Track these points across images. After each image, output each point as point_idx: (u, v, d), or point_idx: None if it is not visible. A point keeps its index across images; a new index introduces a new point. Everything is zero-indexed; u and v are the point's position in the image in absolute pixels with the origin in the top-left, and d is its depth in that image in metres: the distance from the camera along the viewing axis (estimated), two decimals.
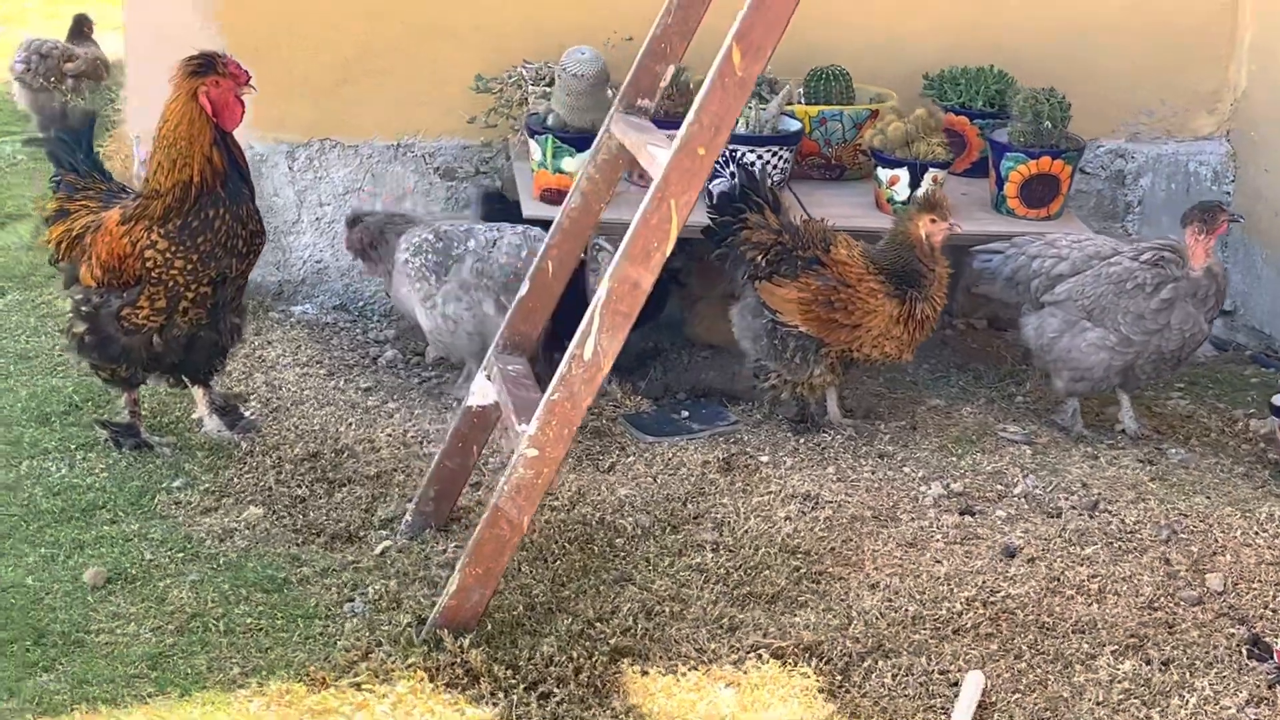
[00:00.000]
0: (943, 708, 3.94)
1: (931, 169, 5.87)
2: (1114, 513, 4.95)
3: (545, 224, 5.81)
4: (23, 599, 4.27)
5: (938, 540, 4.75)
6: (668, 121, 5.85)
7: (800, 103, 6.16)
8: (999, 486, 5.14)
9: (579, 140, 5.74)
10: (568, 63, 5.73)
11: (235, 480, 4.94)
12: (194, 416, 5.29)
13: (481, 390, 4.60)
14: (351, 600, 4.28)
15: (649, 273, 3.92)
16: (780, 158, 5.91)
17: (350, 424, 5.39)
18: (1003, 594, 4.43)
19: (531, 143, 5.83)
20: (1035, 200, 6.02)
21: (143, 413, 5.24)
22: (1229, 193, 6.84)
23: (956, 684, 4.01)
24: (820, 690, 3.96)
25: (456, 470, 4.67)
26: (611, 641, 4.09)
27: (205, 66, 4.87)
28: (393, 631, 4.09)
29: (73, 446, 5.14)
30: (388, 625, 4.12)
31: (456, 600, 4.05)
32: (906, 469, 5.23)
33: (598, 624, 4.17)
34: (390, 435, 5.30)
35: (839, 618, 4.28)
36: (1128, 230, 6.84)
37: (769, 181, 5.63)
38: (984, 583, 4.48)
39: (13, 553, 4.51)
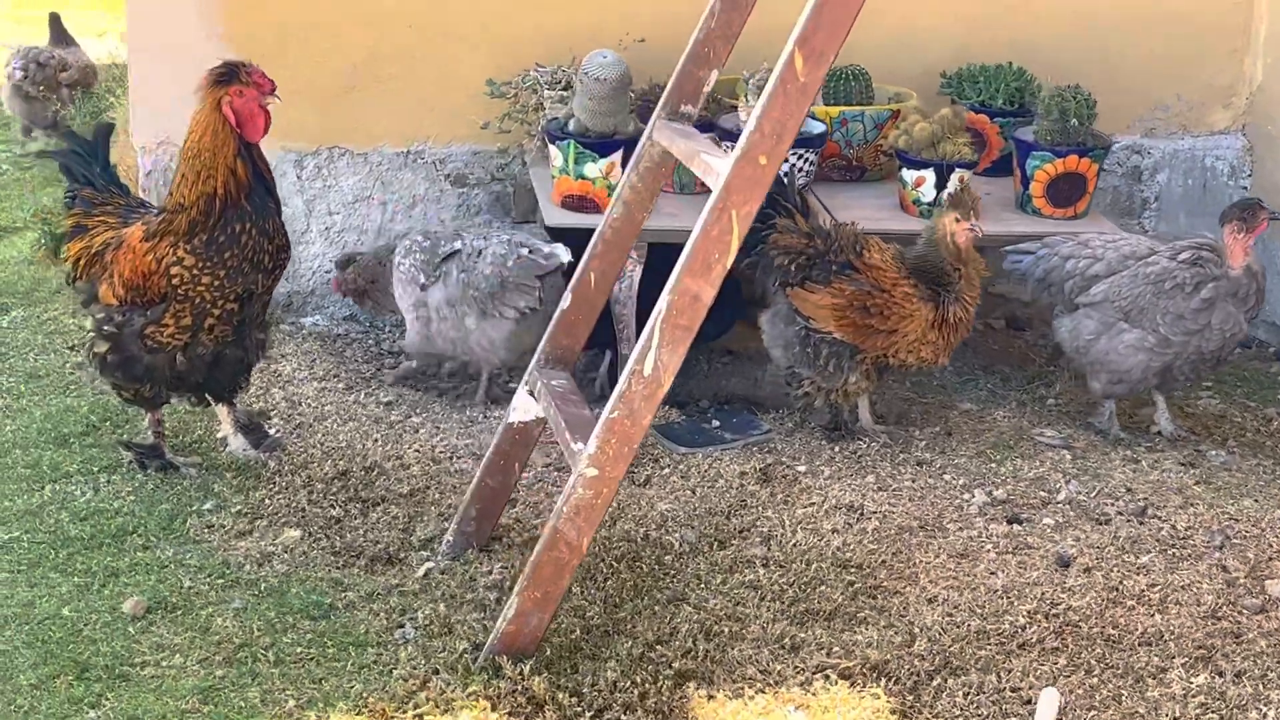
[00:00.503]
0: None
1: (958, 169, 5.77)
2: (1163, 518, 4.88)
3: (567, 232, 5.73)
4: (61, 631, 4.13)
5: (989, 551, 4.66)
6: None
7: (819, 103, 6.06)
8: (1042, 493, 5.05)
9: (601, 145, 5.63)
10: (589, 66, 5.62)
11: (267, 501, 4.81)
12: (218, 436, 5.16)
13: (523, 406, 4.48)
14: (401, 626, 4.16)
15: (710, 285, 3.82)
16: (806, 160, 5.81)
17: (376, 440, 5.26)
18: (1064, 606, 4.34)
19: (552, 148, 5.72)
20: (1062, 199, 5.94)
21: (166, 433, 5.10)
22: (1246, 188, 6.78)
23: (1029, 701, 3.92)
24: (892, 712, 3.86)
25: (498, 489, 4.56)
26: (674, 665, 3.98)
27: (228, 76, 4.74)
28: (449, 659, 3.97)
29: (96, 469, 5.00)
30: (443, 652, 4.00)
31: (515, 625, 3.94)
32: (947, 476, 5.15)
33: (658, 646, 4.07)
34: (419, 451, 5.18)
35: (901, 634, 4.18)
36: (1144, 227, 6.77)
37: (796, 185, 5.52)
38: (1043, 595, 4.40)
39: (45, 582, 4.37)
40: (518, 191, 6.47)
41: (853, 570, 4.51)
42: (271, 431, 5.21)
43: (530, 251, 5.57)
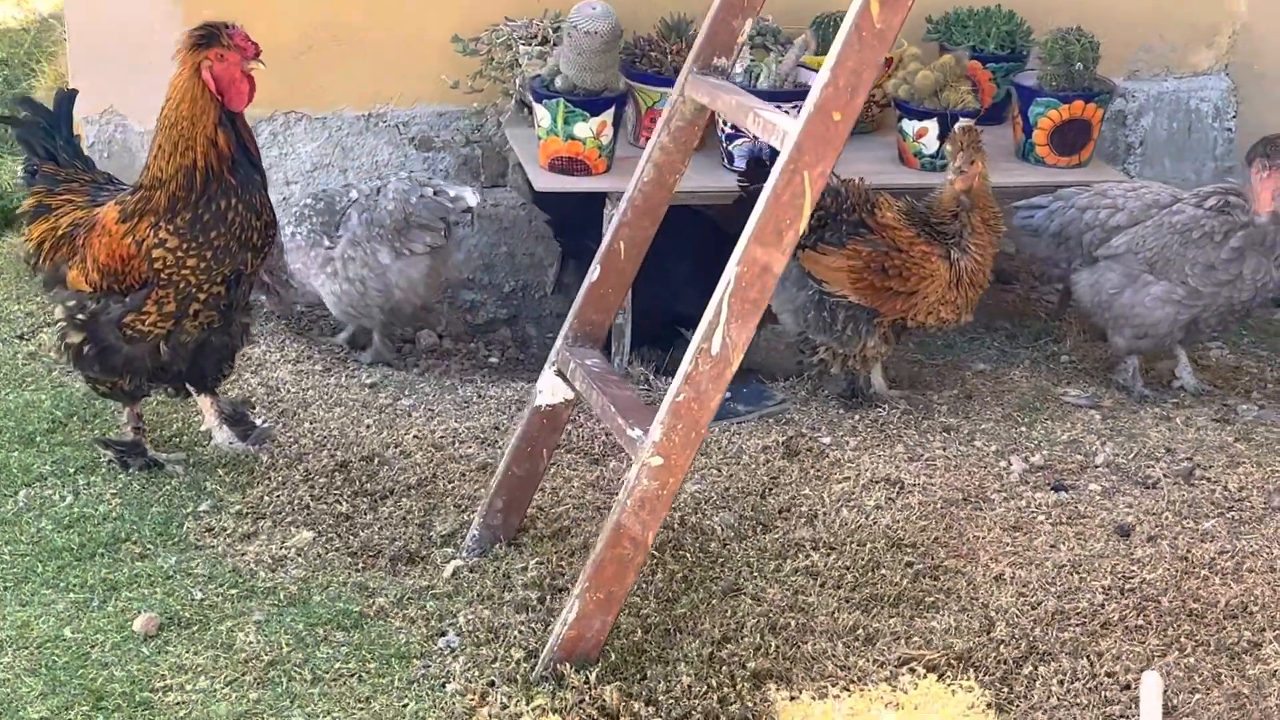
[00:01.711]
0: (1122, 715, 3.61)
1: (962, 119, 5.49)
2: (1212, 479, 4.66)
3: (557, 196, 5.40)
4: (66, 654, 3.75)
5: (1042, 522, 4.42)
6: (671, 80, 5.46)
7: (811, 53, 5.76)
8: (1078, 457, 4.82)
9: (591, 103, 5.30)
10: (578, 19, 5.27)
11: (267, 499, 4.44)
12: (202, 429, 4.78)
13: (551, 388, 4.15)
14: (443, 634, 3.82)
15: (781, 254, 3.51)
16: None
17: (369, 426, 4.91)
18: (1138, 580, 4.11)
19: (538, 108, 5.36)
20: (1066, 147, 5.70)
21: (146, 427, 4.70)
22: (1230, 129, 6.59)
23: (1127, 686, 3.68)
24: (988, 705, 3.60)
25: (525, 478, 4.23)
26: (749, 664, 3.69)
27: (208, 39, 4.33)
28: (504, 669, 3.65)
29: (71, 470, 4.60)
30: (496, 661, 3.68)
31: (576, 630, 3.62)
32: (978, 443, 4.89)
33: (727, 644, 3.77)
34: (418, 438, 4.83)
35: (977, 619, 3.92)
36: (1129, 172, 6.55)
37: None
38: (1113, 568, 4.16)
39: (37, 599, 3.98)
40: (486, 154, 6.12)
41: (908, 550, 4.24)
42: (258, 421, 4.83)
43: (435, 193, 5.30)
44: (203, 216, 4.33)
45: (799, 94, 5.45)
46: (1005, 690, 3.66)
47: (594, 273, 4.12)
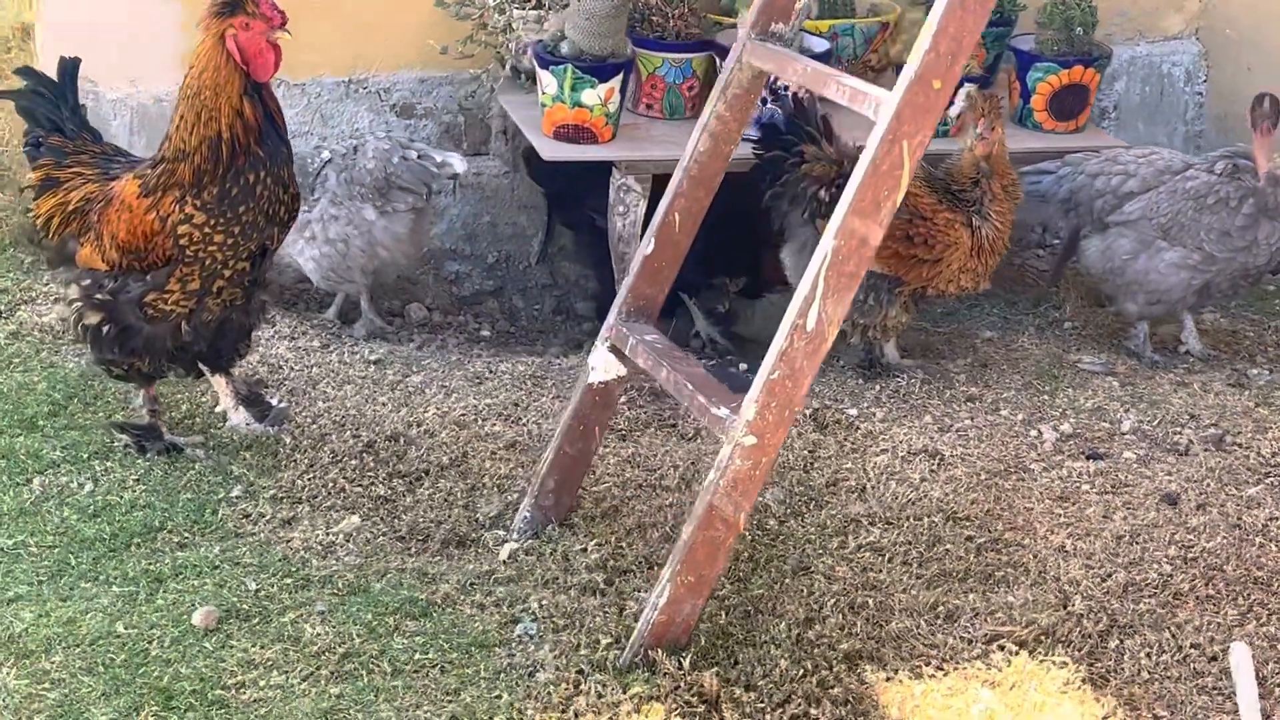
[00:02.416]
0: (1214, 687, 3.59)
1: (967, 84, 5.45)
2: (1244, 445, 4.67)
3: (552, 164, 5.28)
4: (123, 652, 3.58)
5: (1087, 491, 4.40)
6: (672, 44, 5.36)
7: (812, 18, 5.67)
8: (1104, 424, 4.80)
9: (600, 69, 5.17)
10: None
11: (299, 483, 4.28)
12: (217, 410, 4.60)
13: (604, 364, 4.04)
14: (516, 620, 3.70)
15: (878, 226, 3.43)
16: None
17: (385, 404, 4.75)
18: (1198, 549, 4.10)
19: (543, 74, 5.22)
20: (1065, 113, 5.68)
21: (162, 409, 4.52)
22: (1201, 93, 6.62)
23: (1214, 658, 3.67)
24: (1083, 681, 3.56)
25: (577, 457, 4.11)
26: (839, 646, 3.61)
27: (232, 6, 4.14)
28: (591, 656, 3.54)
29: (84, 455, 4.40)
30: (582, 649, 3.57)
31: (666, 614, 3.52)
32: (1004, 412, 4.86)
33: (812, 625, 3.69)
34: (439, 415, 4.69)
35: (1051, 593, 3.89)
36: None
37: (816, 108, 5.13)
38: (1172, 538, 4.15)
39: (78, 594, 3.80)
40: (469, 122, 5.96)
41: (965, 523, 4.19)
42: (274, 401, 4.65)
43: (420, 156, 5.17)
44: (230, 191, 4.15)
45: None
46: (1094, 665, 3.62)
47: (649, 246, 4.01)
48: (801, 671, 3.51)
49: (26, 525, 4.08)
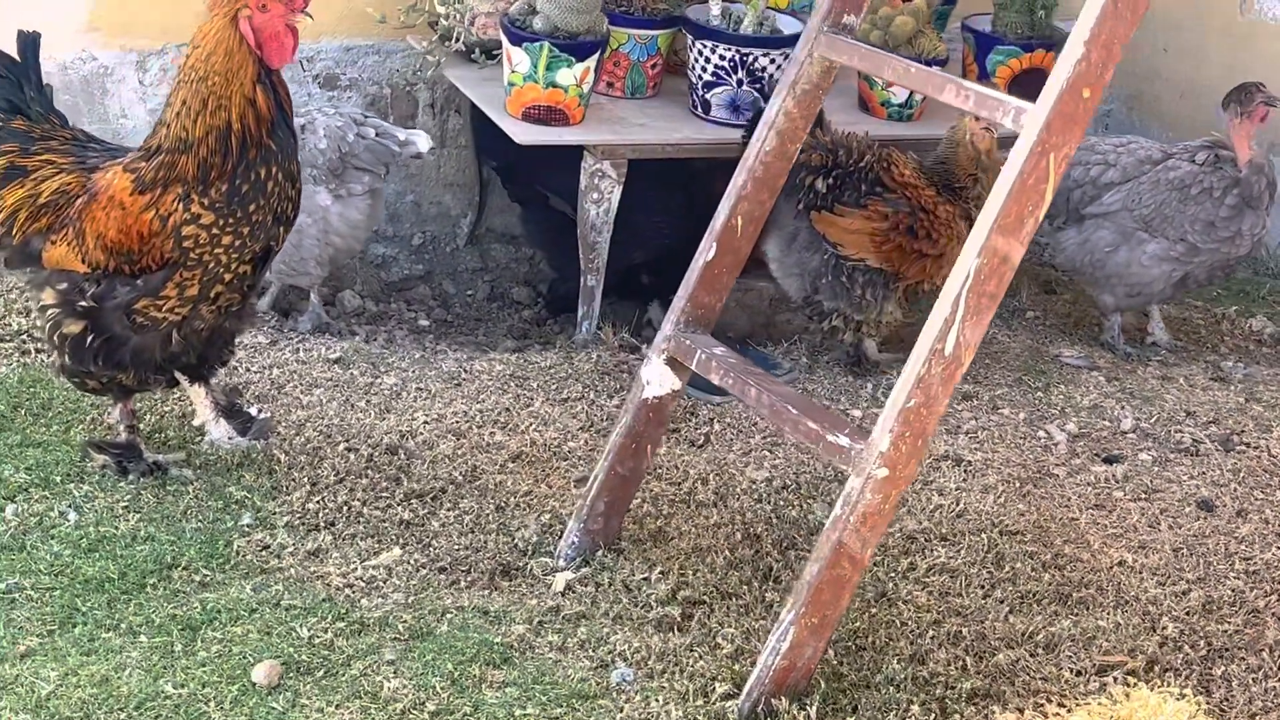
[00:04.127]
0: None
1: (934, 67, 5.26)
2: (1251, 444, 4.62)
3: (538, 150, 4.95)
4: (179, 717, 3.18)
5: (1120, 499, 4.29)
6: (639, 19, 5.07)
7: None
8: (1105, 423, 4.71)
9: (577, 48, 4.85)
10: None
11: (310, 507, 3.91)
12: (195, 423, 4.17)
13: (659, 378, 3.76)
14: (608, 665, 3.41)
15: (1020, 244, 3.23)
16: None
17: (367, 412, 4.40)
18: (1259, 561, 4.02)
19: (515, 51, 4.86)
20: (1024, 98, 5.50)
21: (139, 425, 4.08)
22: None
23: None
24: (1208, 714, 3.44)
25: (628, 477, 3.82)
26: (960, 685, 3.41)
27: None
28: (709, 707, 3.28)
29: (56, 478, 3.95)
30: (696, 698, 3.30)
31: (789, 659, 3.28)
32: (1004, 411, 4.73)
33: (922, 663, 3.49)
34: (431, 424, 4.35)
35: (1134, 615, 3.75)
36: None
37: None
38: (1232, 549, 4.06)
39: (100, 646, 3.37)
40: (396, 95, 5.57)
41: (1016, 538, 4.03)
42: (254, 412, 4.24)
43: (379, 134, 4.82)
44: (241, 188, 3.75)
45: (782, 41, 5.11)
46: (1210, 695, 3.50)
47: (709, 251, 3.73)
48: (933, 716, 3.30)
49: (13, 563, 3.64)
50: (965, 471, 4.33)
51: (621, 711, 3.27)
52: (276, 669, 3.30)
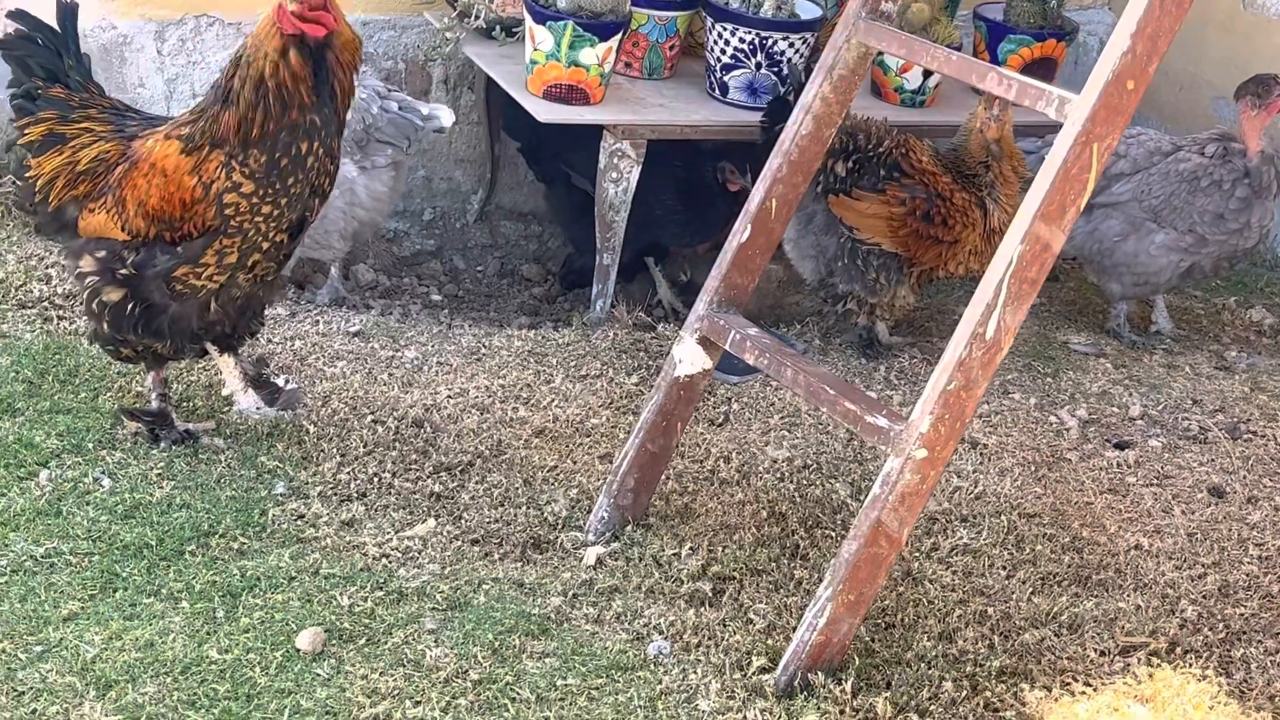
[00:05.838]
0: None
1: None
2: (1258, 432, 4.70)
3: (561, 129, 4.99)
4: (226, 681, 3.22)
5: (1133, 484, 4.36)
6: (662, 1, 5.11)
7: None
8: (1114, 409, 4.78)
9: (601, 27, 4.89)
10: None
11: (342, 477, 3.95)
12: (223, 393, 4.20)
13: (691, 357, 3.82)
14: (645, 638, 3.46)
15: (1062, 232, 3.29)
16: (807, 45, 5.23)
17: (389, 385, 4.44)
18: (1272, 547, 4.10)
19: (538, 29, 4.90)
20: None
21: (171, 394, 4.11)
22: None
23: None
24: (1228, 695, 3.51)
25: (658, 454, 3.88)
26: (987, 664, 3.48)
27: None
28: (746, 680, 3.34)
29: (89, 445, 3.98)
30: (733, 672, 3.36)
31: (825, 635, 3.34)
32: (1015, 396, 4.80)
33: (955, 640, 3.55)
34: (455, 397, 4.40)
35: (1154, 598, 3.83)
36: None
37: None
38: (1239, 535, 4.14)
39: (144, 612, 3.41)
40: (410, 70, 5.60)
41: (1034, 521, 4.10)
42: (281, 383, 4.28)
43: (401, 107, 4.86)
44: (280, 161, 3.77)
45: (801, 25, 5.17)
46: (1231, 677, 3.58)
47: (744, 233, 3.79)
48: (965, 693, 3.37)
49: (51, 527, 3.66)
50: (981, 455, 4.40)
51: (660, 683, 3.32)
52: (320, 636, 3.35)
